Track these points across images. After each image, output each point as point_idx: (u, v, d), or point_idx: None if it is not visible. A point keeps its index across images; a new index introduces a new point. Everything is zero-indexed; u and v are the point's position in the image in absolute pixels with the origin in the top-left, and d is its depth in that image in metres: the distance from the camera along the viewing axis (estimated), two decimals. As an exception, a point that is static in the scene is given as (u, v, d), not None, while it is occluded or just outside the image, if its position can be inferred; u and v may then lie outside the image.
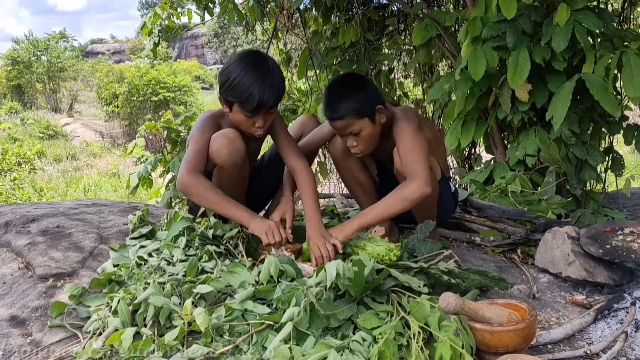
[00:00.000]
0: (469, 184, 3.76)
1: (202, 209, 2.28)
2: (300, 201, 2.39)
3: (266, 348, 1.51)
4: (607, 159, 3.50)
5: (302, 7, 4.92)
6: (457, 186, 2.76)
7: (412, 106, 5.35)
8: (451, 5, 5.09)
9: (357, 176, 2.50)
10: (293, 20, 5.14)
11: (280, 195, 2.62)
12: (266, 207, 2.74)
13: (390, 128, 2.30)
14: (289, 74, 5.83)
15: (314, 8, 4.98)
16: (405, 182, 2.14)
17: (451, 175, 3.00)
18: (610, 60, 2.79)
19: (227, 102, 2.22)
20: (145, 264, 2.09)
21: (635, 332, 1.66)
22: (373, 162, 2.57)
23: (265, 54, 2.33)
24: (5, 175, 13.38)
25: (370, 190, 2.52)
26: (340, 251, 2.07)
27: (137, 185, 4.46)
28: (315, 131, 2.56)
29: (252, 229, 2.13)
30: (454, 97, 3.65)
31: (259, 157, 2.68)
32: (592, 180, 3.40)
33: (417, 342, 1.45)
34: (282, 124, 2.43)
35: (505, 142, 3.67)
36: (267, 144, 2.64)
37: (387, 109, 2.30)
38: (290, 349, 1.45)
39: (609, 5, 4.51)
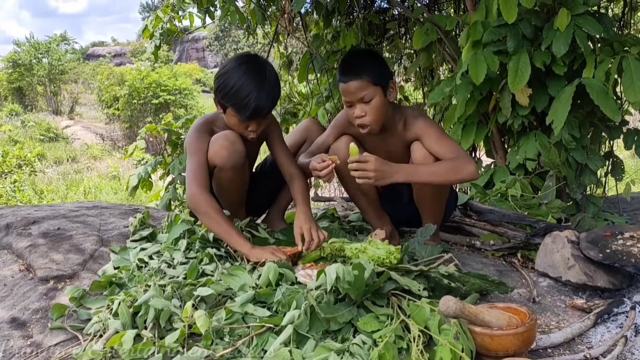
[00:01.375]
0: (469, 188, 3.77)
1: None
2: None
3: (266, 351, 1.50)
4: (607, 163, 3.51)
5: (303, 10, 4.95)
6: (456, 189, 2.77)
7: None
8: (452, 10, 5.11)
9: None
10: (294, 24, 5.16)
11: (281, 199, 2.64)
12: (267, 211, 2.74)
13: (395, 124, 2.31)
14: (289, 77, 5.85)
15: (315, 12, 5.00)
16: (461, 158, 2.14)
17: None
18: (610, 65, 2.80)
19: (222, 105, 2.23)
20: (145, 267, 2.09)
21: (635, 336, 1.67)
22: None
23: (263, 58, 2.33)
24: (5, 178, 13.39)
25: (371, 196, 2.51)
26: (327, 238, 2.12)
27: (137, 186, 4.47)
28: (318, 140, 2.53)
29: (253, 259, 2.08)
30: (454, 101, 3.66)
31: (257, 161, 2.69)
32: (592, 185, 3.41)
33: (417, 346, 1.45)
34: (279, 132, 2.46)
35: (506, 146, 3.68)
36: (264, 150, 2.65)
37: (393, 105, 2.32)
38: (290, 352, 1.45)
39: (610, 10, 4.52)
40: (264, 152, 2.73)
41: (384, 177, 2.08)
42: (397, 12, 5.12)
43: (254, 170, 2.66)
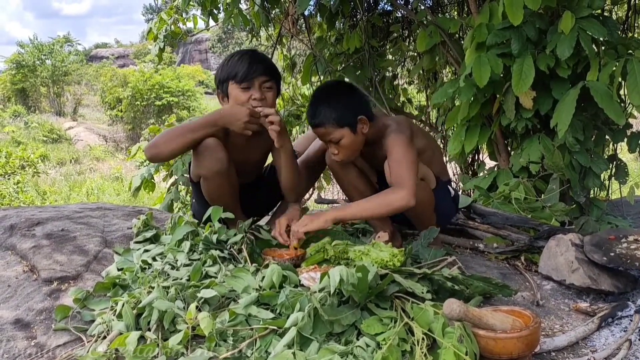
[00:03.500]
0: (472, 190, 3.76)
1: (206, 214, 2.28)
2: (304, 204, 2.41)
3: (270, 353, 1.51)
4: (611, 166, 3.49)
5: (306, 13, 4.95)
6: (459, 191, 2.76)
7: (407, 117, 5.36)
8: (455, 12, 5.11)
9: (357, 185, 2.50)
10: (298, 26, 5.16)
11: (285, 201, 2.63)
12: (270, 213, 2.74)
13: (381, 136, 2.31)
14: (293, 79, 5.85)
15: (318, 14, 5.00)
16: (393, 189, 2.14)
17: (453, 179, 3.00)
18: (614, 68, 2.79)
19: (223, 91, 2.32)
20: (149, 268, 2.09)
21: (639, 340, 1.66)
22: (373, 171, 2.56)
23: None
24: (9, 179, 13.40)
25: (368, 196, 2.52)
26: (302, 238, 2.17)
27: (139, 187, 4.48)
28: (314, 143, 2.57)
29: (224, 115, 2.23)
30: (457, 103, 3.66)
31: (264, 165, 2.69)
32: (595, 188, 3.40)
33: (420, 349, 1.45)
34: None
35: (509, 148, 3.68)
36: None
37: (376, 119, 2.32)
38: (294, 354, 1.45)
39: (614, 13, 4.52)
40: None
41: (312, 223, 2.15)
42: (400, 15, 5.12)
43: (264, 171, 2.67)
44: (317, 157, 2.58)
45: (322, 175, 5.10)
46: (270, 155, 2.58)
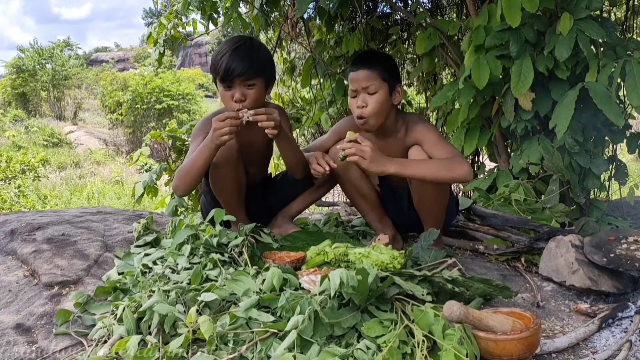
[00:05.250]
0: (472, 192, 3.77)
1: (209, 216, 2.29)
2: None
3: (270, 356, 1.51)
4: (610, 167, 3.50)
5: (305, 16, 4.96)
6: (459, 193, 2.78)
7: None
8: (454, 15, 5.12)
9: (359, 187, 2.50)
10: (297, 29, 5.17)
11: (294, 204, 2.64)
12: (276, 216, 2.74)
13: (398, 130, 2.33)
14: (293, 82, 5.85)
15: (317, 17, 5.01)
16: (453, 158, 2.17)
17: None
18: (613, 69, 2.80)
19: (216, 84, 2.32)
20: (150, 272, 2.10)
21: (640, 341, 1.66)
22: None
23: (252, 37, 2.40)
24: (9, 183, 13.41)
25: (372, 200, 2.52)
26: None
27: (143, 194, 4.49)
28: (317, 143, 2.58)
29: (210, 136, 2.16)
30: (457, 106, 3.66)
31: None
32: (595, 189, 3.40)
33: (421, 351, 1.45)
34: (288, 129, 2.48)
35: (509, 150, 3.68)
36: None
37: (398, 111, 2.37)
38: (294, 357, 1.45)
39: (612, 15, 4.52)
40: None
41: (376, 161, 2.11)
42: (399, 17, 5.13)
43: (272, 174, 2.68)
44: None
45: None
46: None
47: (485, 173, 3.78)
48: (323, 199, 3.03)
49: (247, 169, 2.44)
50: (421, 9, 4.39)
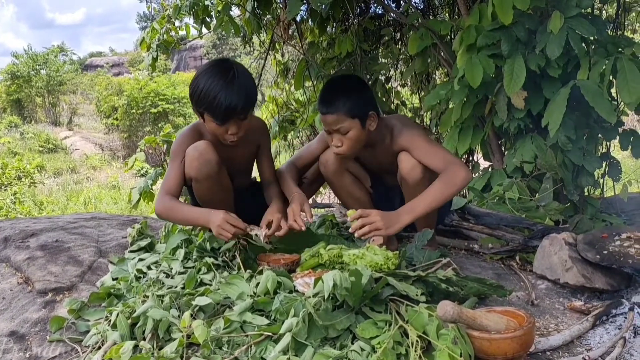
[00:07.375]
0: (467, 191, 3.77)
1: None
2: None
3: (265, 359, 1.51)
4: (604, 164, 3.51)
5: (298, 18, 4.96)
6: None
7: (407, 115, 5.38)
8: (446, 15, 5.13)
9: (352, 191, 2.50)
10: (290, 32, 5.17)
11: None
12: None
13: (384, 137, 2.31)
14: (286, 84, 5.86)
15: (310, 19, 5.01)
16: (448, 170, 2.14)
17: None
18: (604, 67, 2.81)
19: (199, 112, 2.22)
20: (144, 277, 2.09)
21: (634, 337, 1.67)
22: (367, 175, 2.57)
23: (232, 60, 2.30)
24: (5, 190, 13.38)
25: (365, 203, 2.52)
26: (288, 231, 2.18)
27: (139, 200, 4.50)
28: (305, 147, 2.58)
29: (212, 227, 2.11)
30: (450, 105, 3.67)
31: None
32: (589, 186, 3.41)
33: (415, 351, 1.45)
34: (268, 145, 2.53)
35: (503, 149, 3.69)
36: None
37: (380, 118, 2.31)
38: (289, 359, 1.45)
39: (603, 12, 4.54)
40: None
41: (391, 224, 2.08)
42: (392, 18, 5.14)
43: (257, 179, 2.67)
44: (308, 161, 2.57)
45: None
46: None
47: (480, 172, 3.78)
48: (319, 201, 3.03)
49: (231, 178, 2.42)
50: (413, 10, 4.40)
